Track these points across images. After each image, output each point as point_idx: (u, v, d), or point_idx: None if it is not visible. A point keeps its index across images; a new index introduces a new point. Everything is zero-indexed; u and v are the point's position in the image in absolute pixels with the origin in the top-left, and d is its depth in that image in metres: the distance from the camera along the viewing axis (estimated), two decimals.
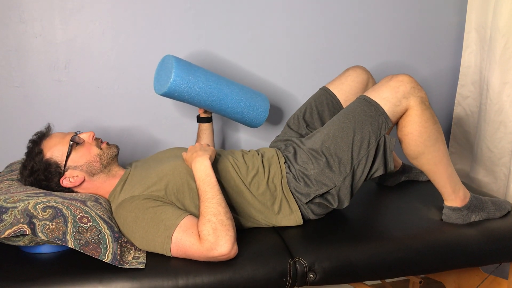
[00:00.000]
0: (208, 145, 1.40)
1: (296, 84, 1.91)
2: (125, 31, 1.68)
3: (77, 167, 1.32)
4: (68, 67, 1.66)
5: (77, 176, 1.32)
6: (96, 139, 1.38)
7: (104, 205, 1.28)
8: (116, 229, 1.19)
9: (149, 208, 1.21)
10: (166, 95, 1.45)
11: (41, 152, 1.31)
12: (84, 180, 1.33)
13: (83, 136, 1.35)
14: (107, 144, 1.38)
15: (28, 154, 1.33)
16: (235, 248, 1.16)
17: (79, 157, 1.32)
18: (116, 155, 1.39)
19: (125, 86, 1.73)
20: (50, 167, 1.30)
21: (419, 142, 1.31)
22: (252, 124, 1.64)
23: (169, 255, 1.17)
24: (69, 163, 1.31)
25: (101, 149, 1.36)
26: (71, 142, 1.31)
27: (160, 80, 1.48)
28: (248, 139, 1.92)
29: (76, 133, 1.36)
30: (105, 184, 1.36)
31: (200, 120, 1.67)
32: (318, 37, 1.88)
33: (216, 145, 1.88)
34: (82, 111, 1.70)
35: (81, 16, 1.63)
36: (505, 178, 1.84)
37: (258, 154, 1.45)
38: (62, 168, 1.30)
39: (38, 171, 1.29)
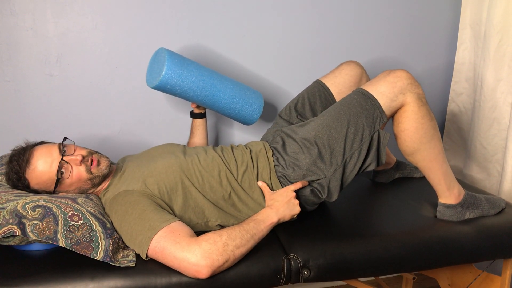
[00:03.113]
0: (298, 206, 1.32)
1: (290, 81, 1.90)
2: (118, 25, 1.66)
3: (69, 192, 1.30)
4: (60, 61, 1.64)
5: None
6: (85, 162, 1.28)
7: (95, 201, 1.27)
8: (108, 225, 1.18)
9: (140, 204, 1.18)
10: (158, 88, 1.43)
11: (27, 184, 1.25)
12: None
13: (70, 160, 1.26)
14: (97, 163, 1.30)
15: (14, 185, 1.26)
16: (209, 274, 1.07)
17: (68, 186, 1.28)
18: (108, 171, 1.32)
19: (118, 81, 1.71)
20: (39, 191, 1.27)
21: (415, 138, 1.31)
22: (246, 121, 1.63)
23: (144, 255, 1.11)
24: (58, 189, 1.28)
25: (91, 173, 1.29)
26: (58, 178, 1.25)
27: (153, 73, 1.46)
28: (242, 135, 1.91)
29: (60, 146, 1.27)
30: (96, 190, 1.35)
31: (193, 115, 1.65)
32: (312, 33, 1.88)
33: (210, 141, 1.87)
34: (74, 106, 1.68)
35: (74, 10, 1.61)
36: (498, 175, 1.85)
37: (247, 148, 1.43)
38: (52, 193, 1.28)
39: (27, 190, 1.27)
